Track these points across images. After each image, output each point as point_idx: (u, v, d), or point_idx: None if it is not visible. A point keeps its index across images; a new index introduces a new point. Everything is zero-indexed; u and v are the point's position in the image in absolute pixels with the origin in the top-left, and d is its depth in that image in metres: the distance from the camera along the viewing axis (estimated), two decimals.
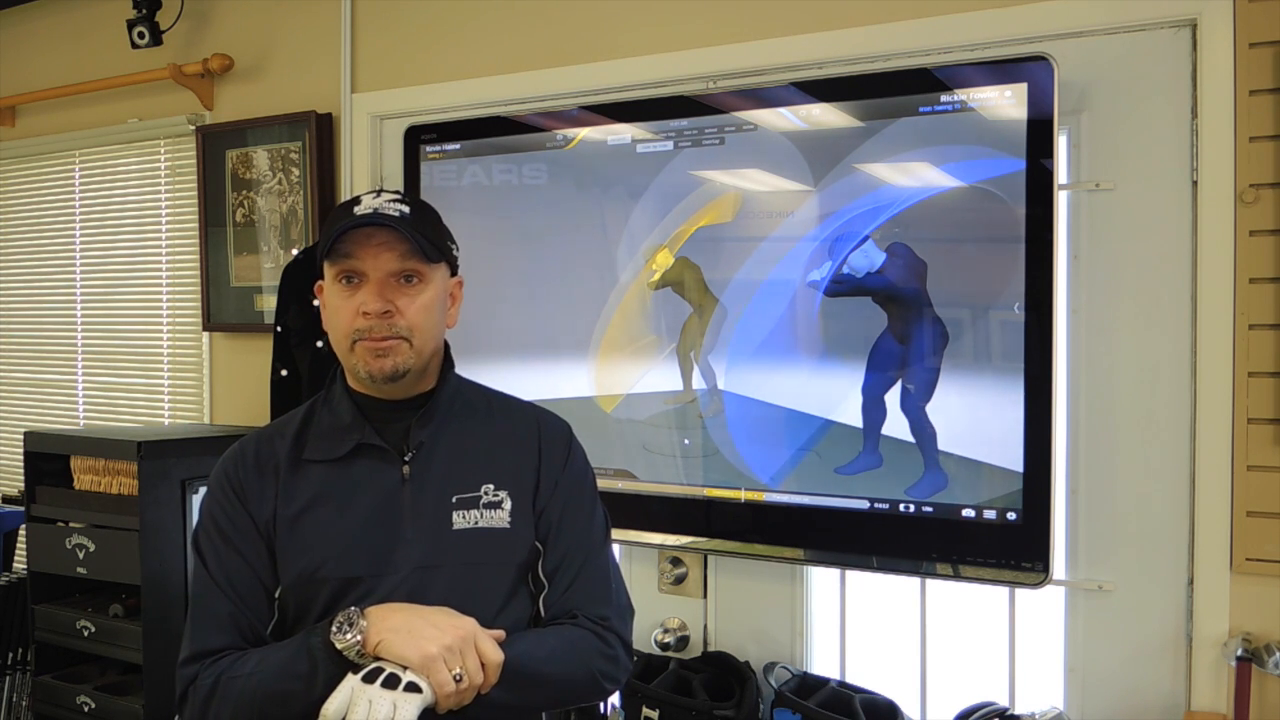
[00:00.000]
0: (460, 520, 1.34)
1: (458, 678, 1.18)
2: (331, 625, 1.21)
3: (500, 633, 1.28)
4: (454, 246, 1.42)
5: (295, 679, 1.21)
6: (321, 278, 1.37)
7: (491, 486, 1.37)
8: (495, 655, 1.23)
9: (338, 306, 1.33)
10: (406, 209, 1.33)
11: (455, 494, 1.35)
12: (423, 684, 1.17)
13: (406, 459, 1.35)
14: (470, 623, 1.24)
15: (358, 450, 1.35)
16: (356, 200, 1.34)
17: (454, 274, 1.43)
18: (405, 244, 1.31)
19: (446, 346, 1.43)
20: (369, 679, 1.16)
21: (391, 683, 1.16)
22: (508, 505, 1.37)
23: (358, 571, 1.30)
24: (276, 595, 1.34)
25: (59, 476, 2.69)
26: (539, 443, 1.43)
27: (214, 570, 1.33)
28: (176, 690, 1.30)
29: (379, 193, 1.34)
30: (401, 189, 2.53)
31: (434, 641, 1.19)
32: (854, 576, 2.25)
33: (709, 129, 2.21)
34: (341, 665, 1.19)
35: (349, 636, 1.19)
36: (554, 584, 1.38)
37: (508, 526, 1.36)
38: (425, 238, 1.32)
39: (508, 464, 1.39)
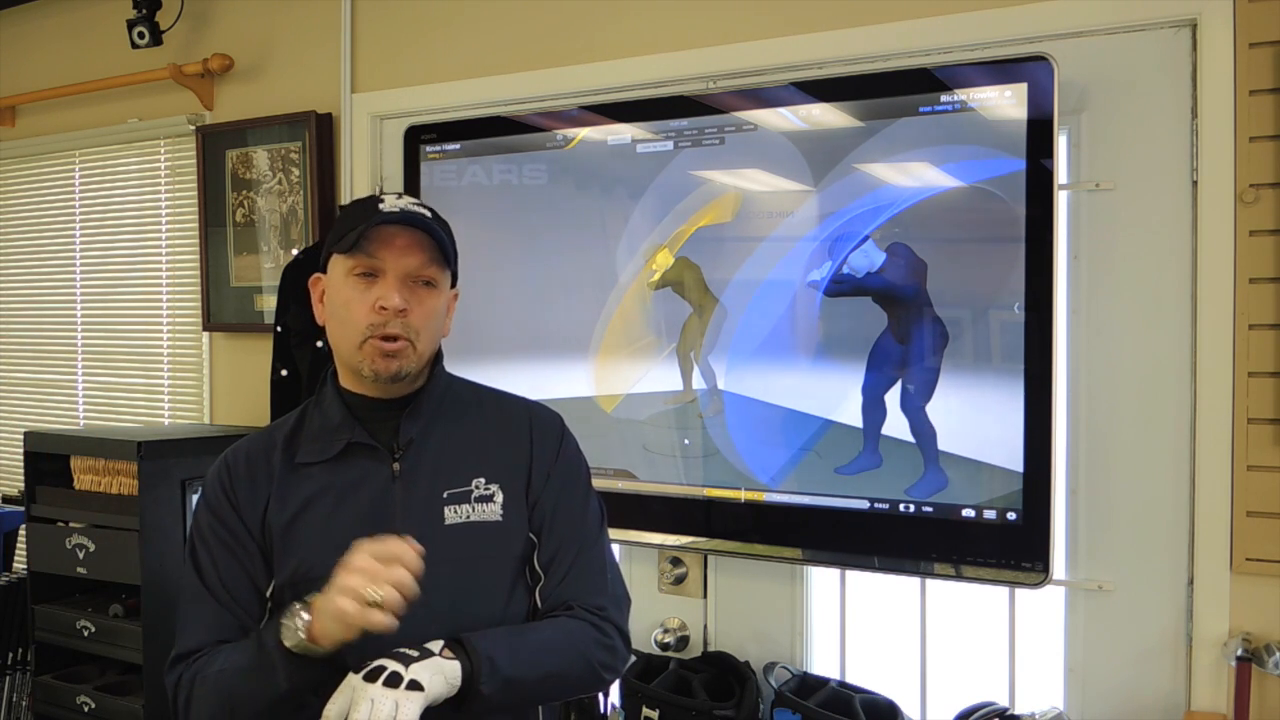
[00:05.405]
0: (452, 515, 1.34)
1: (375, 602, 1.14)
2: (280, 627, 1.19)
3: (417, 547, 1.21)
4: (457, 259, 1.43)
5: (259, 679, 1.21)
6: (321, 271, 1.36)
7: (482, 480, 1.36)
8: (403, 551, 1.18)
9: (349, 299, 1.31)
10: (428, 214, 1.33)
11: (446, 489, 1.35)
12: (425, 681, 1.16)
13: (397, 456, 1.35)
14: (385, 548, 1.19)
15: (349, 450, 1.35)
16: (378, 199, 1.33)
17: (453, 285, 1.42)
18: (430, 250, 1.31)
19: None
20: (370, 678, 1.15)
21: (393, 681, 1.15)
22: (500, 498, 1.36)
23: None
24: (269, 594, 1.34)
25: (59, 476, 2.69)
26: (530, 434, 1.42)
27: (206, 574, 1.33)
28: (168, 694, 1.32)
29: (400, 195, 1.34)
30: (402, 189, 2.54)
31: (338, 593, 1.15)
32: (854, 576, 2.25)
33: (709, 129, 2.21)
34: (301, 660, 1.19)
35: (299, 634, 1.18)
36: (549, 576, 1.37)
37: (500, 520, 1.36)
38: (447, 244, 1.33)
39: (499, 457, 1.39)
